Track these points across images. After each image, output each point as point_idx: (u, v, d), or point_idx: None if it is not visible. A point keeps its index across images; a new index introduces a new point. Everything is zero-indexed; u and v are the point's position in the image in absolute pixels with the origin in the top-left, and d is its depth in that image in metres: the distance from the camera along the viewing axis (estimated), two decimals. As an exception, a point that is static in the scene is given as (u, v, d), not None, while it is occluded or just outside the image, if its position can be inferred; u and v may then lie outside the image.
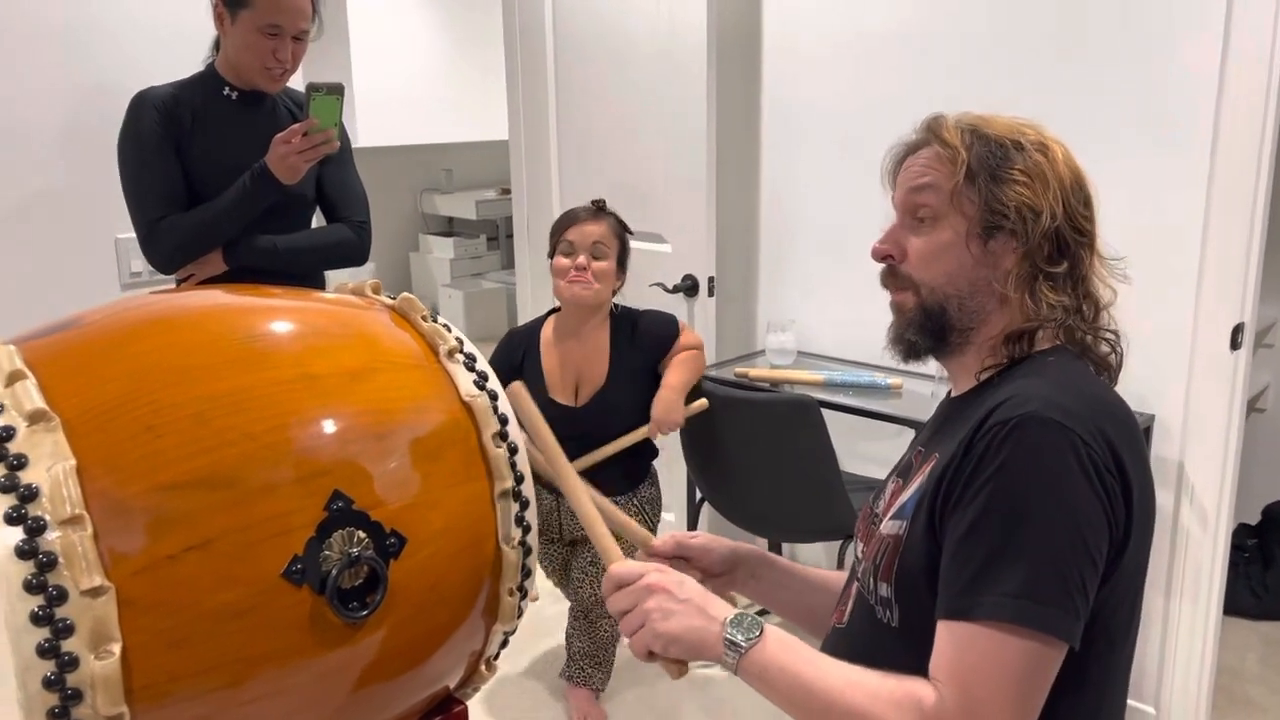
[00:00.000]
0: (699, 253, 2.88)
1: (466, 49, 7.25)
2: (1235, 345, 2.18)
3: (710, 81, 2.77)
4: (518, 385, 1.22)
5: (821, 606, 1.29)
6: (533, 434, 1.20)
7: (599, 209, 2.38)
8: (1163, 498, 2.32)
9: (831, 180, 2.80)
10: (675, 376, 2.32)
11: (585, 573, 2.42)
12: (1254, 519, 3.14)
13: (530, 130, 3.34)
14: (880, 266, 1.14)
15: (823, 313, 2.84)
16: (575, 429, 2.19)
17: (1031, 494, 0.91)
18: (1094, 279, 1.07)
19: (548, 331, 2.43)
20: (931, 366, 1.16)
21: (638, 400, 2.33)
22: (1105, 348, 1.08)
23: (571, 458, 1.23)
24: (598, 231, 2.32)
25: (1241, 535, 3.09)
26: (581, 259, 2.29)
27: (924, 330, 1.08)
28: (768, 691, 0.99)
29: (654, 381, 2.35)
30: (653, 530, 2.40)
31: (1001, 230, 1.03)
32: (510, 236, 6.14)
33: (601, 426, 2.32)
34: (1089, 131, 2.29)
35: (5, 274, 2.23)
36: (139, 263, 2.39)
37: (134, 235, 2.15)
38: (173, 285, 2.21)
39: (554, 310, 2.47)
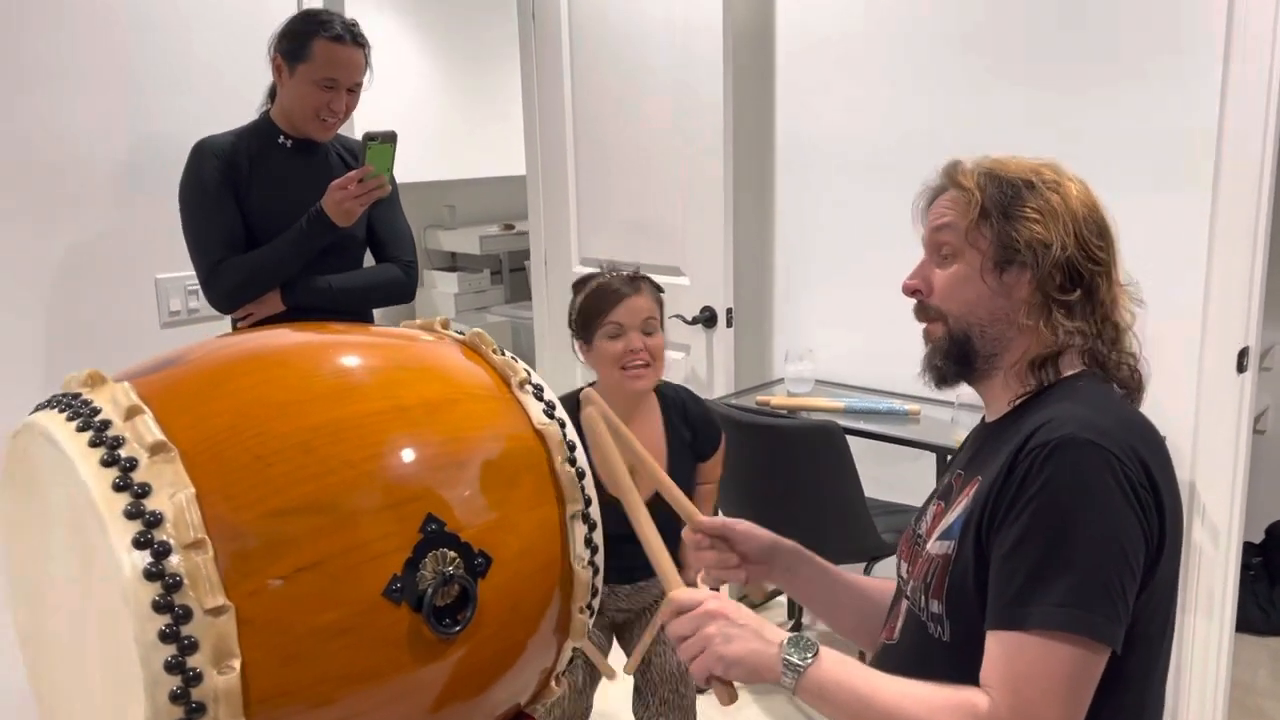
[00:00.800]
0: (716, 284, 2.96)
1: (470, 87, 7.37)
2: (1241, 368, 2.26)
3: (726, 115, 2.85)
4: (591, 396, 1.27)
5: (851, 606, 1.36)
6: (609, 447, 1.26)
7: (634, 278, 2.07)
8: (1175, 517, 2.40)
9: (845, 211, 2.88)
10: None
11: (662, 644, 2.18)
12: (1258, 538, 3.21)
13: (548, 165, 3.43)
14: (913, 302, 1.22)
15: (839, 341, 2.92)
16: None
17: (1073, 510, 0.98)
18: (1114, 305, 1.14)
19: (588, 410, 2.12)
20: (949, 393, 1.24)
21: (689, 479, 2.15)
22: (1126, 370, 1.15)
23: (635, 556, 1.25)
24: (645, 306, 2.03)
25: (1247, 554, 3.16)
26: (636, 341, 2.00)
27: (950, 357, 1.16)
28: (827, 708, 1.05)
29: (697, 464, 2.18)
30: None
31: (1015, 263, 1.11)
32: (514, 271, 6.22)
33: (667, 518, 1.97)
34: (1098, 165, 2.38)
35: (52, 310, 2.30)
36: (177, 302, 2.46)
37: (172, 275, 2.21)
38: (226, 323, 2.27)
39: (590, 384, 2.12)
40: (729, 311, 2.96)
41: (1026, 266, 1.10)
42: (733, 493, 2.59)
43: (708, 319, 2.98)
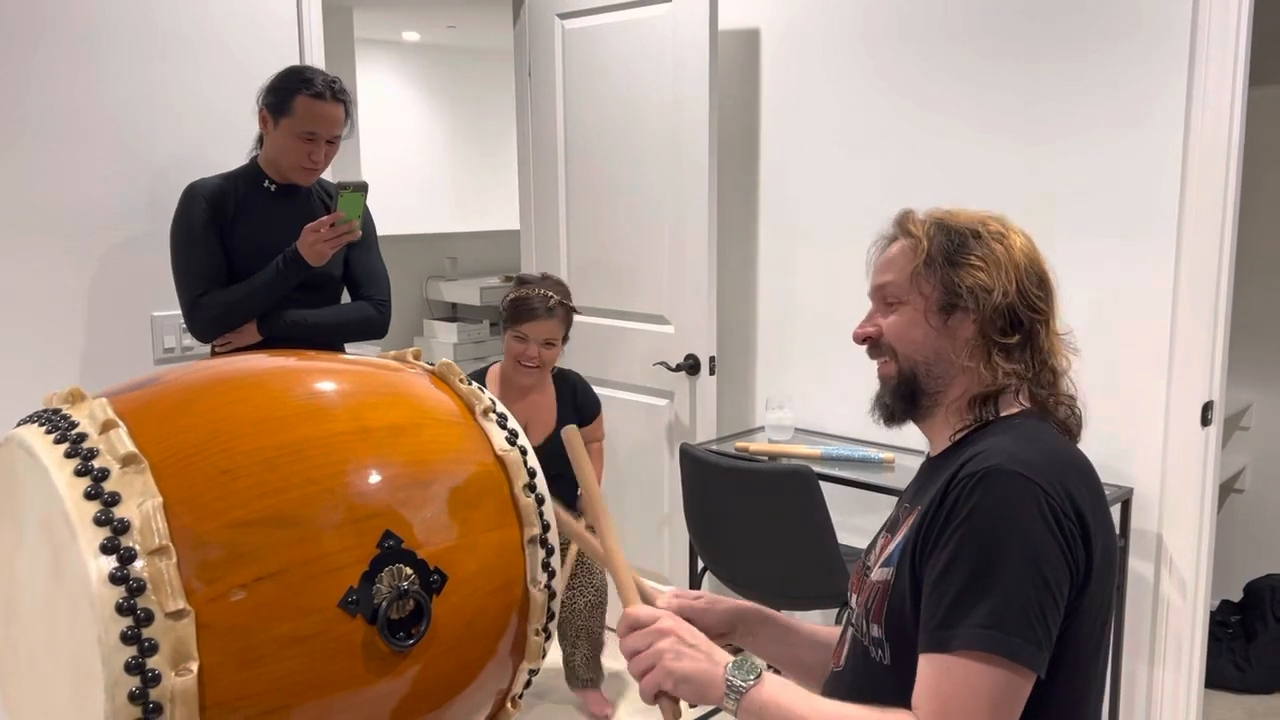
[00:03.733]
0: (700, 333, 3.03)
1: (473, 143, 7.54)
2: (1206, 422, 2.31)
3: (711, 174, 2.95)
4: (573, 429, 1.33)
5: (817, 661, 1.39)
6: (581, 474, 1.31)
7: (550, 307, 2.72)
8: (1142, 568, 2.42)
9: (826, 267, 2.96)
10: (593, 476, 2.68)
11: (574, 589, 2.88)
12: (1236, 596, 3.23)
13: (541, 221, 3.52)
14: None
15: (819, 391, 2.98)
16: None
17: (997, 537, 1.03)
18: (1052, 351, 1.20)
19: (494, 379, 2.84)
20: (921, 442, 1.29)
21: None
22: (1064, 411, 1.21)
23: (570, 494, 1.34)
24: (550, 328, 2.72)
25: (1225, 611, 3.18)
26: (533, 350, 2.71)
27: (898, 394, 1.22)
28: None
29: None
30: None
31: (958, 307, 1.17)
32: (503, 330, 6.30)
33: (554, 462, 2.54)
34: (1064, 223, 2.47)
35: (51, 347, 2.38)
36: (171, 339, 2.53)
37: (167, 313, 2.31)
38: (207, 354, 2.37)
39: (495, 362, 2.91)
40: (712, 359, 3.02)
41: (969, 311, 1.16)
42: (709, 534, 2.62)
43: (691, 366, 3.04)
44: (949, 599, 1.03)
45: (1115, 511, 2.38)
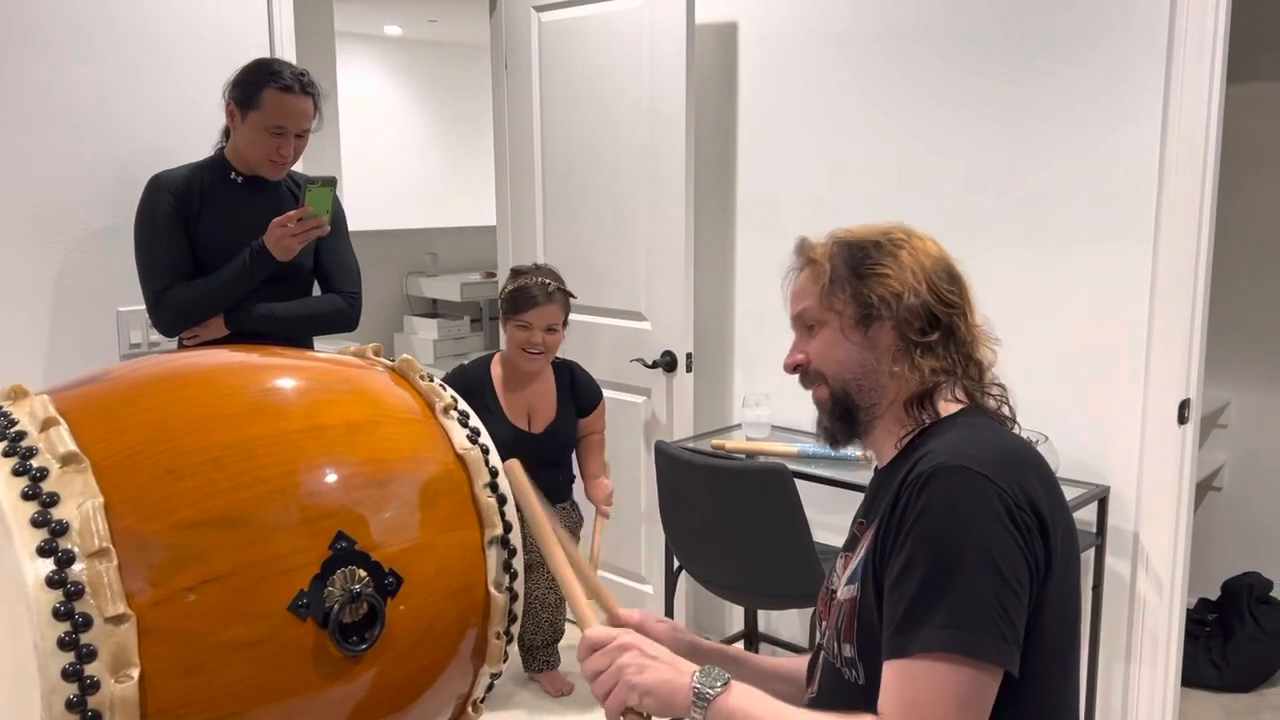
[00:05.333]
0: (677, 331, 3.00)
1: (452, 138, 7.49)
2: (1183, 420, 2.30)
3: (688, 167, 2.92)
4: (515, 463, 1.29)
5: (782, 695, 1.37)
6: (522, 499, 1.27)
7: (550, 293, 2.72)
8: (1119, 567, 2.41)
9: (803, 263, 2.93)
10: (598, 466, 2.94)
11: (551, 587, 2.93)
12: (1214, 594, 3.22)
13: (518, 217, 3.48)
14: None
15: (796, 389, 2.94)
16: (533, 450, 2.68)
17: (949, 535, 1.01)
18: (975, 343, 1.19)
19: (497, 370, 2.84)
20: None
21: (573, 430, 2.90)
22: (995, 402, 1.20)
23: (533, 475, 1.27)
24: (552, 313, 2.72)
25: (1203, 610, 3.18)
26: (537, 336, 2.71)
27: (835, 415, 1.22)
28: None
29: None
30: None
31: (874, 317, 1.16)
32: (494, 318, 6.25)
33: (555, 449, 2.87)
34: (1043, 221, 2.45)
35: (14, 343, 2.33)
36: (138, 334, 2.48)
37: (133, 308, 2.27)
38: (174, 348, 2.33)
39: (497, 350, 2.92)
40: (689, 356, 3.00)
41: (885, 318, 1.16)
42: (685, 533, 2.60)
43: (668, 363, 3.01)
44: (906, 602, 1.01)
45: (1092, 510, 2.37)
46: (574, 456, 2.96)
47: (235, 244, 2.19)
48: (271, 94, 2.16)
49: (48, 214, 2.37)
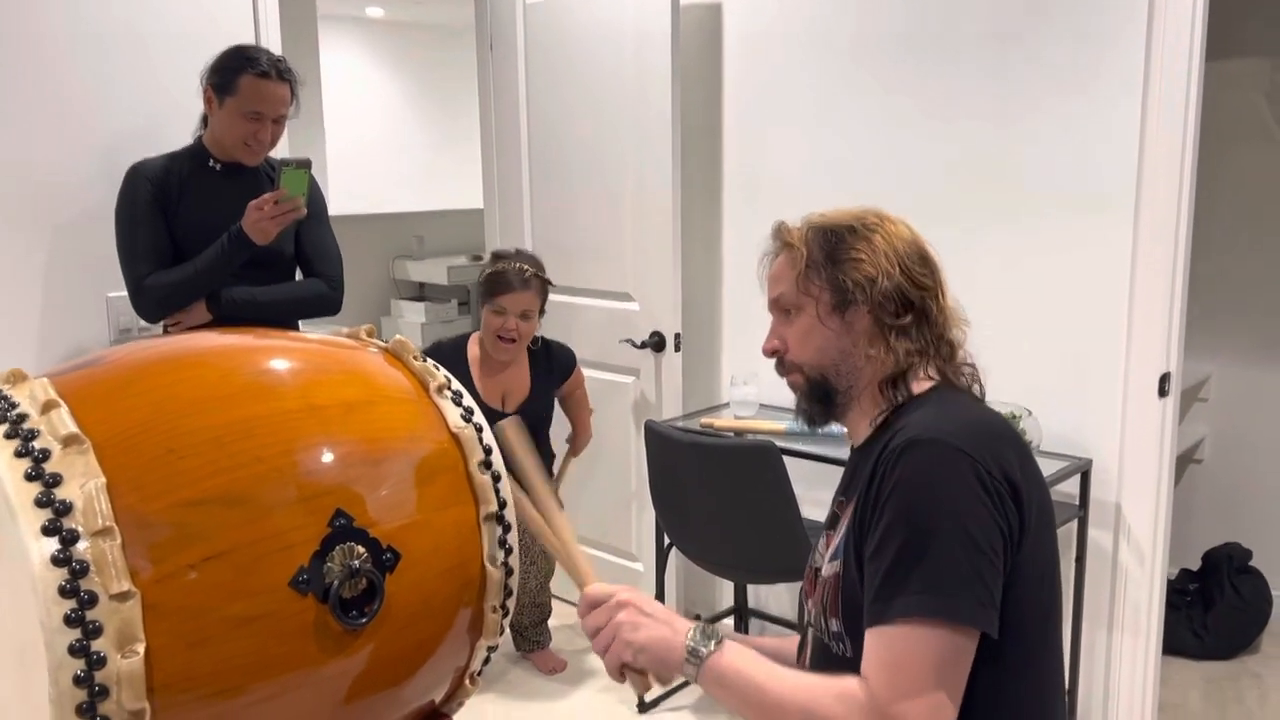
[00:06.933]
0: (666, 310, 3.02)
1: (437, 121, 7.46)
2: (1163, 393, 2.34)
3: (674, 151, 2.94)
4: (512, 421, 1.33)
5: None
6: (520, 462, 1.31)
7: (526, 279, 2.74)
8: (1101, 538, 2.46)
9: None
10: (586, 415, 3.01)
11: (526, 572, 2.95)
12: (1195, 564, 3.28)
13: (504, 199, 3.49)
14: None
15: (783, 368, 2.98)
16: None
17: (923, 505, 1.05)
18: (947, 324, 1.22)
19: (473, 349, 2.86)
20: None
21: (548, 408, 2.94)
22: (966, 380, 1.24)
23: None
24: (527, 300, 2.74)
25: (1184, 580, 3.23)
26: (511, 322, 2.73)
27: (812, 399, 1.25)
28: (725, 695, 1.10)
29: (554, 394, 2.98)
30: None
31: (850, 302, 1.19)
32: (480, 305, 6.26)
33: (529, 428, 2.80)
34: (1024, 194, 2.48)
35: (5, 329, 2.34)
36: (128, 319, 2.49)
37: (124, 294, 2.28)
38: (159, 333, 2.34)
39: (475, 330, 2.95)
40: (677, 336, 3.02)
41: (861, 303, 1.19)
42: (675, 511, 2.63)
43: (656, 343, 3.03)
44: (884, 571, 1.05)
45: (1074, 483, 2.41)
46: (548, 433, 2.98)
47: (215, 230, 2.21)
48: (248, 80, 2.18)
49: (34, 200, 2.38)
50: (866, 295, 1.18)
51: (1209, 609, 3.10)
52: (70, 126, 2.41)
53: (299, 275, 2.43)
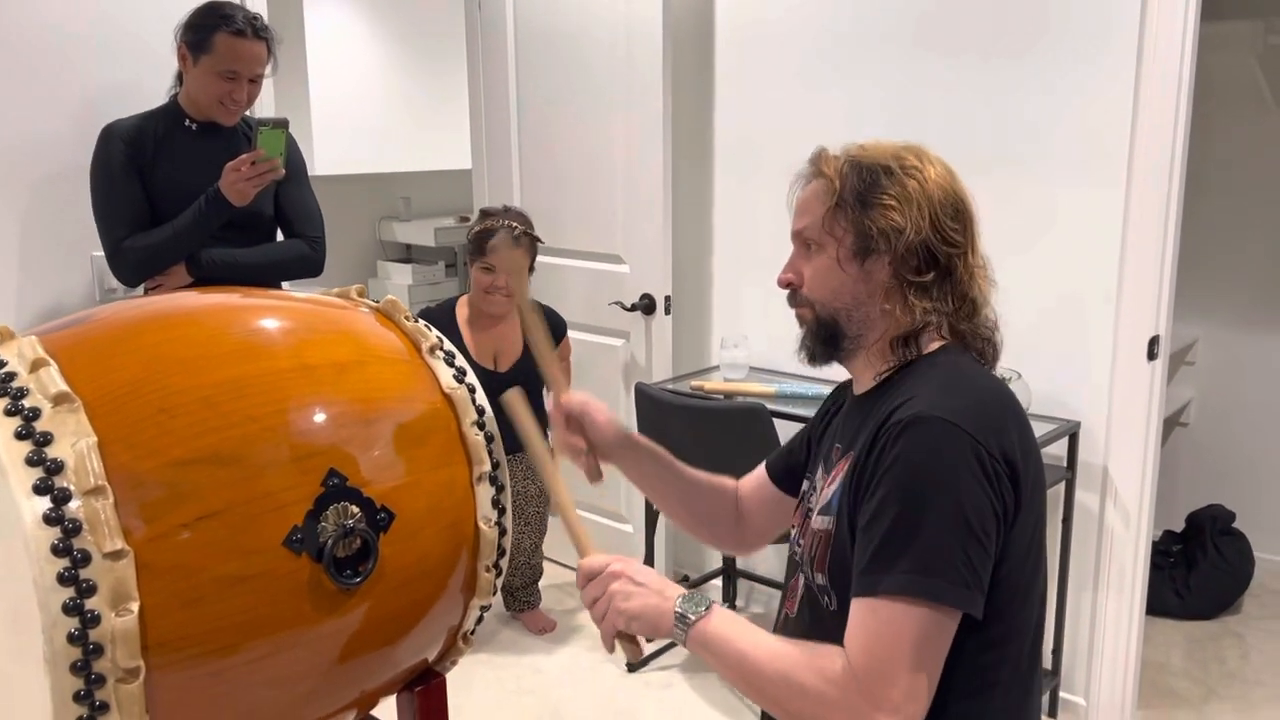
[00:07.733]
0: (655, 273, 3.01)
1: (424, 80, 7.37)
2: (1152, 356, 2.35)
3: (665, 112, 2.90)
4: (516, 392, 1.33)
5: (697, 505, 1.47)
6: (528, 432, 1.31)
7: (515, 236, 2.71)
8: (1088, 500, 2.48)
9: (780, 205, 2.94)
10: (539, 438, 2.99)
11: (521, 532, 2.95)
12: (1179, 526, 3.31)
13: (493, 159, 3.45)
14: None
15: (773, 330, 2.98)
16: (501, 389, 2.69)
17: (921, 483, 1.04)
18: (971, 281, 1.19)
19: (463, 311, 2.86)
20: None
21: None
22: (981, 342, 1.20)
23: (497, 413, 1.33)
24: (516, 258, 2.67)
25: (1168, 541, 3.27)
26: (501, 280, 2.73)
27: (819, 338, 1.22)
28: (711, 660, 1.11)
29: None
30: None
31: (873, 251, 1.16)
32: (468, 264, 6.23)
33: (523, 387, 2.95)
34: (1015, 156, 2.47)
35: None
36: (114, 279, 2.46)
37: (107, 253, 2.24)
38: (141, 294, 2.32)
39: (463, 294, 2.93)
40: (667, 299, 3.01)
41: (883, 252, 1.15)
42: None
43: (646, 306, 3.02)
44: (876, 545, 1.05)
45: (1062, 445, 2.42)
46: (543, 395, 2.96)
47: (192, 191, 2.17)
48: (223, 38, 2.14)
49: (22, 160, 2.35)
50: (890, 246, 1.14)
51: (1192, 570, 3.14)
52: (52, 85, 2.36)
53: (280, 237, 2.40)
